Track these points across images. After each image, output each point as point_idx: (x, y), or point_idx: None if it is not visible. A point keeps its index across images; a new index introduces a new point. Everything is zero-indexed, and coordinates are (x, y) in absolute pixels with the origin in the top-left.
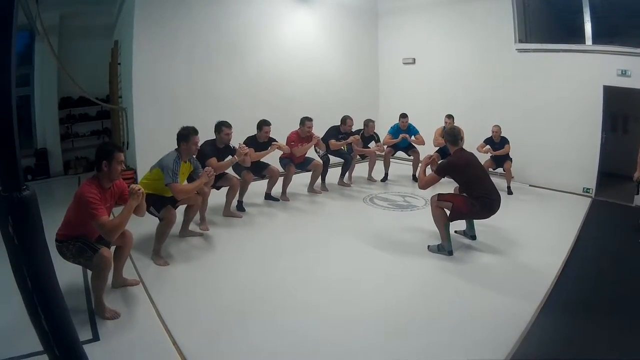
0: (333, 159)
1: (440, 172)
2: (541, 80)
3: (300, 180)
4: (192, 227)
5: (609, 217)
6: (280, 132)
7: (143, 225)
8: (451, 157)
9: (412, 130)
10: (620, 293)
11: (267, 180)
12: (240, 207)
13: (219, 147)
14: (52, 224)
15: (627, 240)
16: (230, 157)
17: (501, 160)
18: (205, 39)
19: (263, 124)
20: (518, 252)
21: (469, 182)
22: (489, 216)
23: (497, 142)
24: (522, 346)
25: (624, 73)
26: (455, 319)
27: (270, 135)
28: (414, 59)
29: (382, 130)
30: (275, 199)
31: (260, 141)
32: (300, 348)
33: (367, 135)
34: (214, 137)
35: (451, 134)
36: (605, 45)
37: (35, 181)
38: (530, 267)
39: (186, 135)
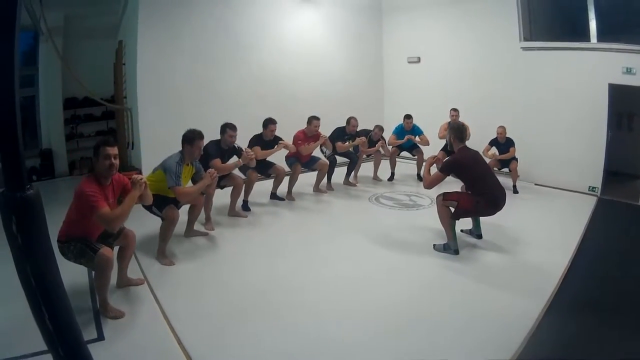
0: (339, 159)
1: (445, 170)
2: (546, 78)
3: (306, 179)
4: (197, 226)
5: (614, 216)
6: (285, 131)
7: (147, 224)
8: (456, 155)
9: (416, 131)
10: (626, 292)
11: (273, 179)
12: (246, 206)
13: (223, 148)
14: (56, 224)
15: (633, 239)
16: (235, 157)
17: (507, 160)
18: (209, 38)
19: (269, 122)
20: (524, 251)
21: (473, 180)
22: (494, 213)
23: (502, 143)
24: (527, 346)
25: (629, 71)
26: (461, 318)
27: (276, 134)
28: (419, 58)
29: (387, 130)
30: (281, 199)
31: (266, 139)
32: (305, 348)
33: (375, 140)
34: (219, 138)
35: (458, 130)
36: (610, 43)
37: (40, 181)
38: (536, 266)
39: (191, 138)
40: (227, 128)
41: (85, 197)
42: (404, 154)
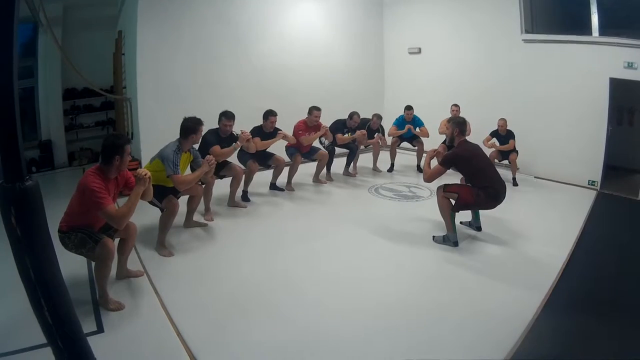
0: (338, 150)
1: (446, 164)
2: (547, 71)
3: (306, 170)
4: (197, 217)
5: (614, 210)
6: (285, 122)
7: (146, 216)
8: (456, 149)
9: (417, 122)
10: (625, 287)
11: (273, 170)
12: (245, 197)
13: (222, 137)
14: (56, 215)
15: (632, 234)
16: (233, 144)
17: (507, 152)
18: (209, 29)
19: (269, 114)
20: (523, 244)
21: (474, 173)
22: (495, 206)
23: (503, 135)
24: (526, 341)
25: (630, 65)
26: (460, 311)
27: (276, 125)
28: (420, 49)
29: (387, 121)
30: (281, 189)
31: (266, 131)
32: (302, 340)
33: (374, 128)
34: (218, 127)
35: (460, 123)
36: (612, 37)
37: (39, 173)
38: (535, 260)
39: (194, 128)
40: (223, 117)
41: (89, 193)
42: (405, 144)
